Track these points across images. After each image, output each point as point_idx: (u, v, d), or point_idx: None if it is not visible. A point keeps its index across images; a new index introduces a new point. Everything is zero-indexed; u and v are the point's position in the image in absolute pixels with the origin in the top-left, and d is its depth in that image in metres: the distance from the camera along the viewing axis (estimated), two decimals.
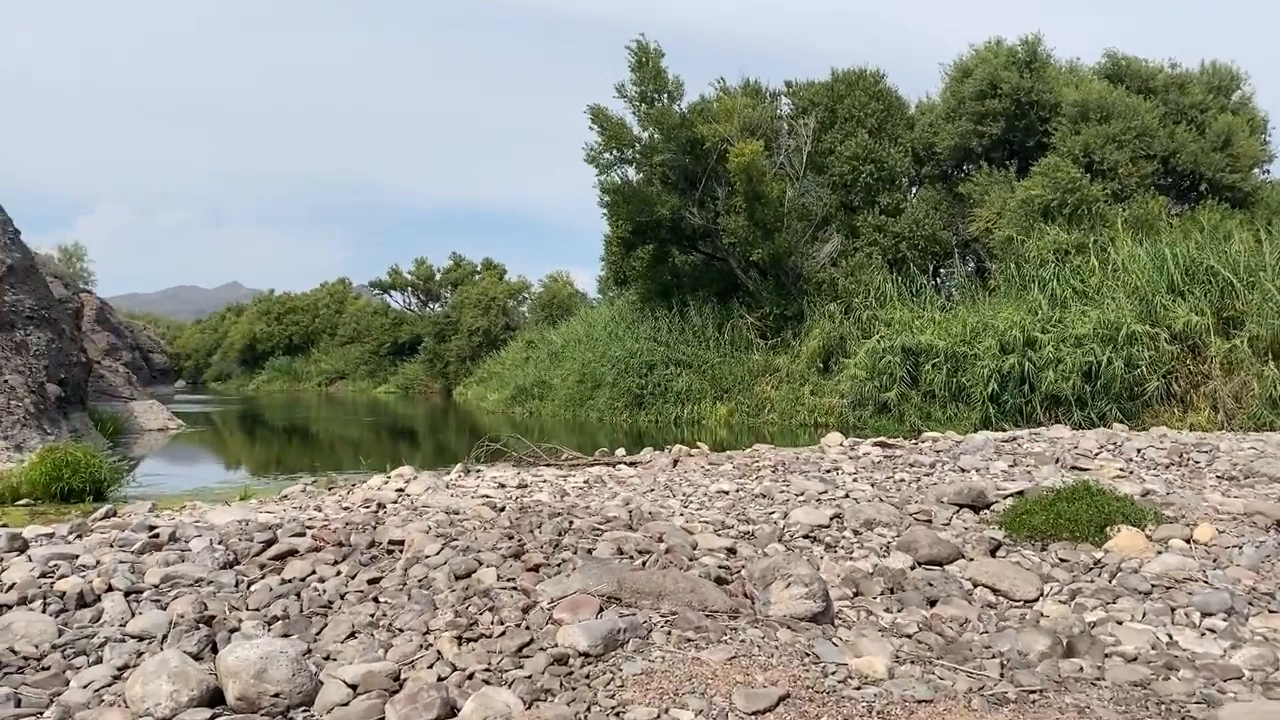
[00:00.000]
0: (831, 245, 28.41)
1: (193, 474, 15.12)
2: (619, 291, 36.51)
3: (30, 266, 17.74)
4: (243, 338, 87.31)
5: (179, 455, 19.63)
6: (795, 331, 28.17)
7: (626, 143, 28.08)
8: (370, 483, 9.47)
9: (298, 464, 17.90)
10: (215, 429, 29.17)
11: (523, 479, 9.20)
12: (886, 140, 29.15)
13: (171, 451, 20.39)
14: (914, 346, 24.12)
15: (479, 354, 53.38)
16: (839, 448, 14.42)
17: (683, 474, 10.38)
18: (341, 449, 23.03)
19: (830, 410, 25.73)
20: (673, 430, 26.44)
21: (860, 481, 9.58)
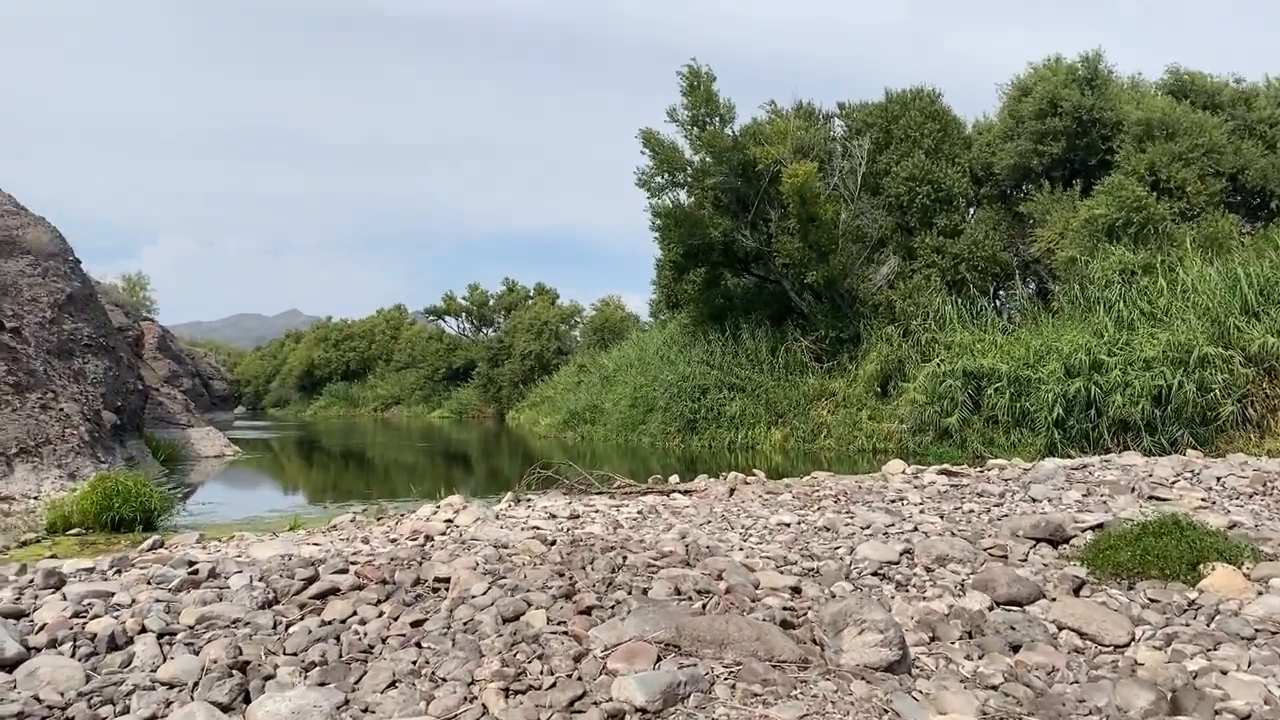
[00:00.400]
0: (888, 267, 27.89)
1: (245, 502, 15.02)
2: (671, 315, 36.22)
3: (89, 295, 17.89)
4: (301, 364, 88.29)
5: (233, 482, 19.63)
6: (851, 355, 27.64)
7: (678, 166, 27.86)
8: (419, 513, 9.22)
9: (350, 491, 17.79)
10: (271, 455, 29.30)
11: (574, 509, 8.89)
12: (943, 160, 28.60)
13: (226, 478, 20.40)
14: (975, 370, 23.48)
15: (531, 378, 53.39)
16: (902, 476, 13.94)
17: (740, 504, 10.00)
18: (395, 475, 22.94)
19: (889, 436, 25.14)
20: (726, 456, 25.99)
21: (928, 513, 9.13)
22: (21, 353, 13.26)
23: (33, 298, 15.73)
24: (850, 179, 28.78)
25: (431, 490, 19.12)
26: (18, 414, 11.72)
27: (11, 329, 13.64)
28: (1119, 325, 22.71)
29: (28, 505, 10.67)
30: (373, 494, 15.42)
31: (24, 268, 16.13)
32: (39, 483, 11.09)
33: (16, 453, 11.21)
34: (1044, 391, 22.03)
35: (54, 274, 16.66)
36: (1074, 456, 21.36)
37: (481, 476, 23.15)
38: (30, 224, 17.06)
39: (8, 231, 16.48)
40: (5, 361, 12.58)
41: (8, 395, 11.98)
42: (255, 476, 21.49)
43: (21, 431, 11.47)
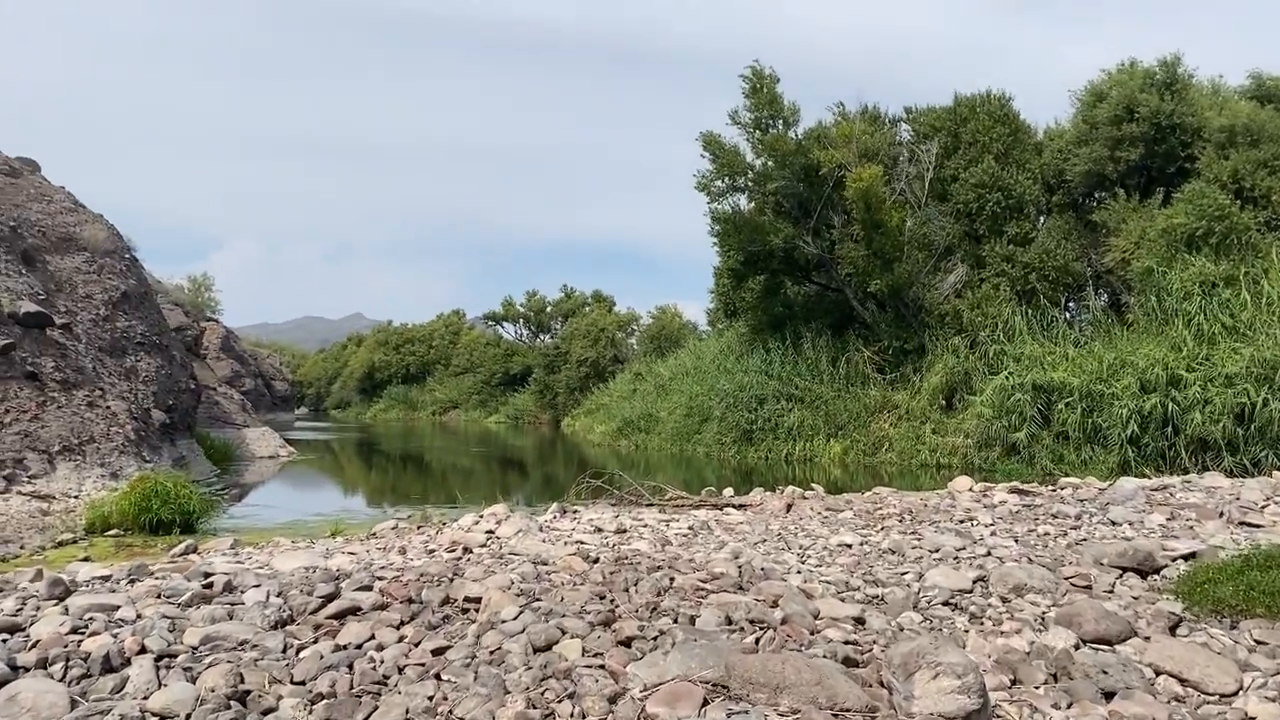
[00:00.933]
0: (956, 276, 27.04)
1: (292, 504, 14.77)
2: (729, 323, 35.64)
3: (145, 293, 17.86)
4: (362, 366, 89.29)
5: (284, 484, 19.47)
6: (916, 366, 26.83)
7: (739, 170, 27.31)
8: (461, 522, 8.82)
9: (401, 495, 17.51)
10: (326, 457, 29.26)
11: (621, 523, 8.42)
12: (1014, 166, 27.69)
13: (278, 480, 20.26)
14: (1046, 384, 22.59)
15: (587, 386, 53.16)
16: (970, 494, 13.27)
17: (798, 521, 9.44)
18: (448, 480, 22.65)
19: (953, 450, 24.30)
20: (783, 468, 25.35)
21: (1000, 535, 8.51)
22: (71, 349, 13.15)
23: (87, 295, 15.70)
24: (917, 185, 27.99)
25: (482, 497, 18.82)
26: (63, 411, 11.56)
27: (62, 325, 13.56)
28: (1199, 339, 21.69)
29: (68, 504, 10.47)
30: (422, 499, 15.10)
31: (80, 264, 16.11)
32: (80, 481, 10.90)
33: (59, 450, 11.04)
34: (1118, 407, 21.11)
35: (109, 271, 16.63)
36: (1149, 476, 20.40)
37: (533, 484, 22.81)
38: (87, 221, 17.06)
39: (65, 229, 16.49)
40: (54, 358, 12.47)
41: (55, 392, 11.85)
42: (306, 478, 21.35)
43: (65, 429, 11.30)
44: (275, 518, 12.49)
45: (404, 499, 16.05)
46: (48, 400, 11.64)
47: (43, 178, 20.02)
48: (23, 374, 11.58)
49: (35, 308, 12.75)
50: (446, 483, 22.05)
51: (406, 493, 18.21)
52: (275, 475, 21.41)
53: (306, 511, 13.34)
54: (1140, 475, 20.42)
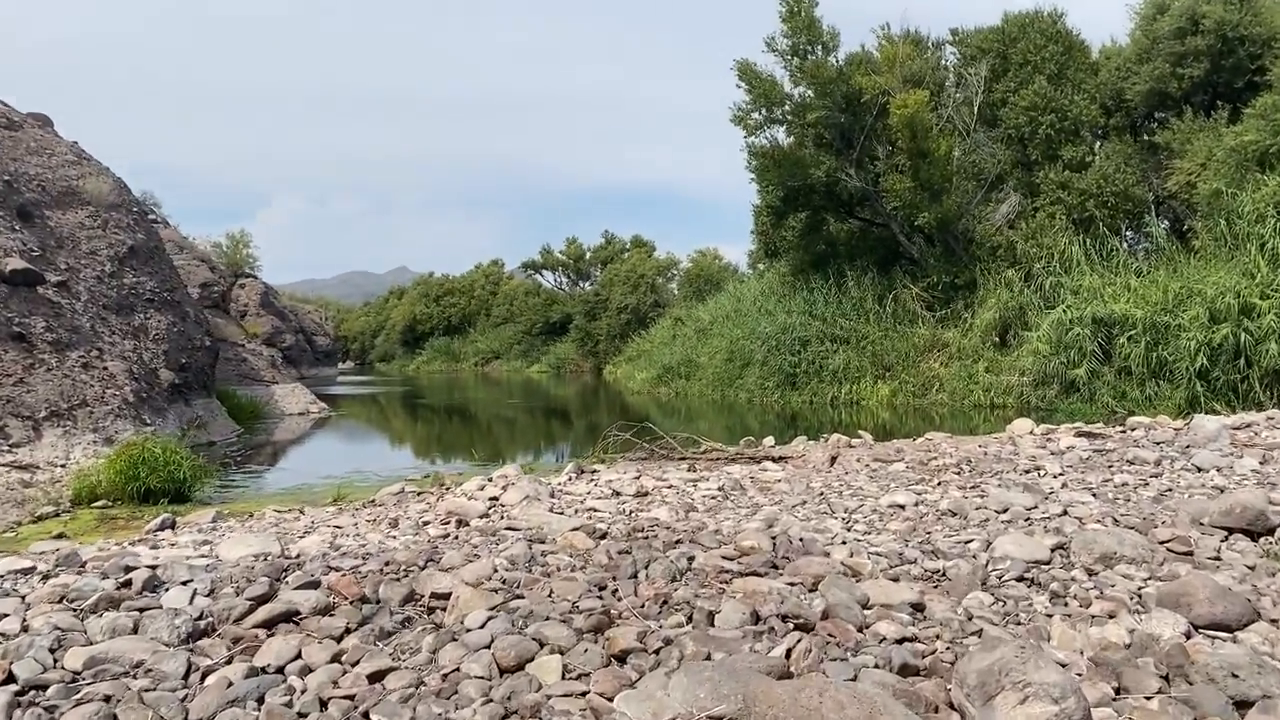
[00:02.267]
0: (1008, 206, 25.57)
1: (306, 466, 13.99)
2: (770, 264, 34.37)
3: (155, 248, 17.09)
4: (403, 319, 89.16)
5: (306, 443, 18.75)
6: (967, 302, 25.51)
7: (776, 100, 25.89)
8: (465, 487, 7.94)
9: (427, 452, 16.72)
10: (362, 412, 28.61)
11: (642, 485, 7.47)
12: (1068, 87, 26.00)
13: (302, 438, 19.57)
14: (1106, 317, 21.28)
15: (628, 332, 52.22)
16: (1031, 438, 12.16)
17: (843, 476, 8.43)
18: (481, 433, 21.91)
19: (1008, 390, 23.08)
20: (829, 412, 24.30)
21: (1074, 488, 7.45)
22: (66, 308, 12.41)
23: (91, 250, 14.94)
24: (965, 111, 26.44)
25: (511, 451, 17.99)
26: (53, 374, 10.81)
27: (58, 282, 12.81)
28: (1273, 265, 20.23)
29: (53, 474, 9.74)
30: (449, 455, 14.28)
31: (83, 219, 15.34)
32: (69, 449, 10.17)
33: (46, 416, 10.29)
34: (1185, 340, 19.80)
35: (115, 226, 15.86)
36: (1220, 412, 19.16)
37: (574, 432, 21.97)
38: (91, 174, 16.27)
39: (67, 182, 15.70)
40: (46, 318, 11.72)
41: (44, 354, 11.11)
42: (333, 436, 20.65)
43: (54, 393, 10.56)
44: (282, 482, 11.71)
45: (430, 455, 15.28)
46: (36, 362, 10.90)
47: (52, 132, 19.26)
48: (8, 335, 10.85)
49: (23, 264, 12.00)
50: (479, 436, 21.29)
51: (434, 449, 17.44)
52: (302, 433, 20.74)
53: (318, 474, 12.56)
54: (1210, 411, 19.19)
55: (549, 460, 12.79)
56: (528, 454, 16.46)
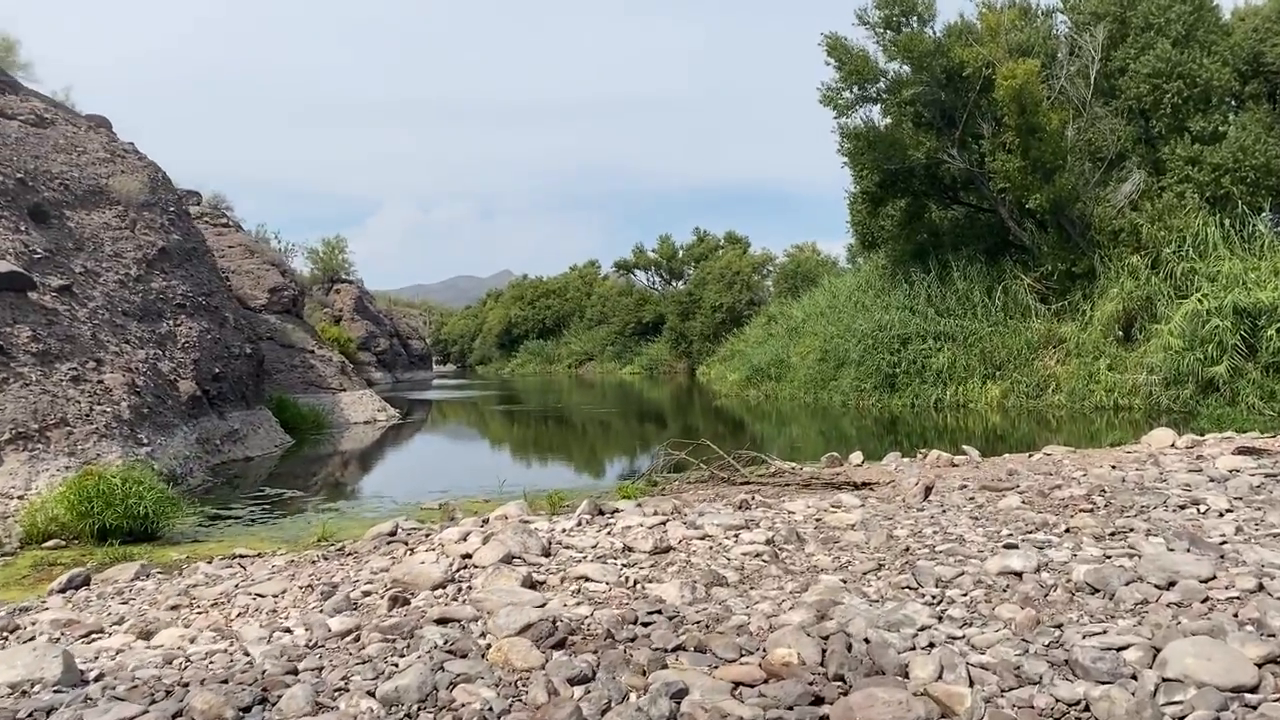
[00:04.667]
0: (1131, 185, 22.96)
1: (330, 488, 12.62)
2: (867, 256, 32.13)
3: (193, 249, 16.01)
4: (499, 322, 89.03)
5: (352, 458, 17.37)
6: (1085, 293, 23.02)
7: (869, 77, 23.77)
8: (444, 535, 6.32)
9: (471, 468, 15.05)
10: (435, 419, 27.39)
11: (663, 537, 5.68)
12: (1197, 50, 23.25)
13: (352, 452, 18.25)
14: (1250, 306, 18.78)
15: (722, 332, 50.43)
16: (1176, 452, 10.05)
17: (937, 516, 6.57)
18: (542, 446, 20.34)
19: (1134, 390, 20.65)
20: (932, 416, 22.15)
21: (1260, 540, 5.48)
22: (64, 315, 11.28)
23: (115, 253, 13.88)
24: (1079, 82, 23.91)
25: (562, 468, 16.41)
26: (29, 389, 9.62)
27: (59, 288, 11.70)
28: None
29: (6, 508, 8.51)
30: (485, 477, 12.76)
31: (110, 219, 14.31)
32: (31, 477, 8.92)
33: (10, 439, 9.06)
34: None
35: (146, 226, 14.82)
36: None
37: (636, 446, 20.32)
38: (124, 170, 15.28)
39: (95, 181, 14.71)
40: (35, 326, 10.57)
41: (25, 366, 9.91)
42: (385, 449, 19.32)
43: (24, 411, 9.34)
44: (282, 510, 10.26)
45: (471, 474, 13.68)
46: (11, 376, 9.71)
47: (106, 133, 18.42)
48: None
49: (10, 267, 10.89)
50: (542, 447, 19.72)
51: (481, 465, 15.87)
52: (358, 445, 19.54)
53: (339, 497, 11.15)
54: None
55: (598, 483, 11.15)
56: (583, 473, 14.83)
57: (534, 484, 11.07)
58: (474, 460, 17.61)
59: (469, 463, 16.88)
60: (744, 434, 23.46)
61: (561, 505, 8.28)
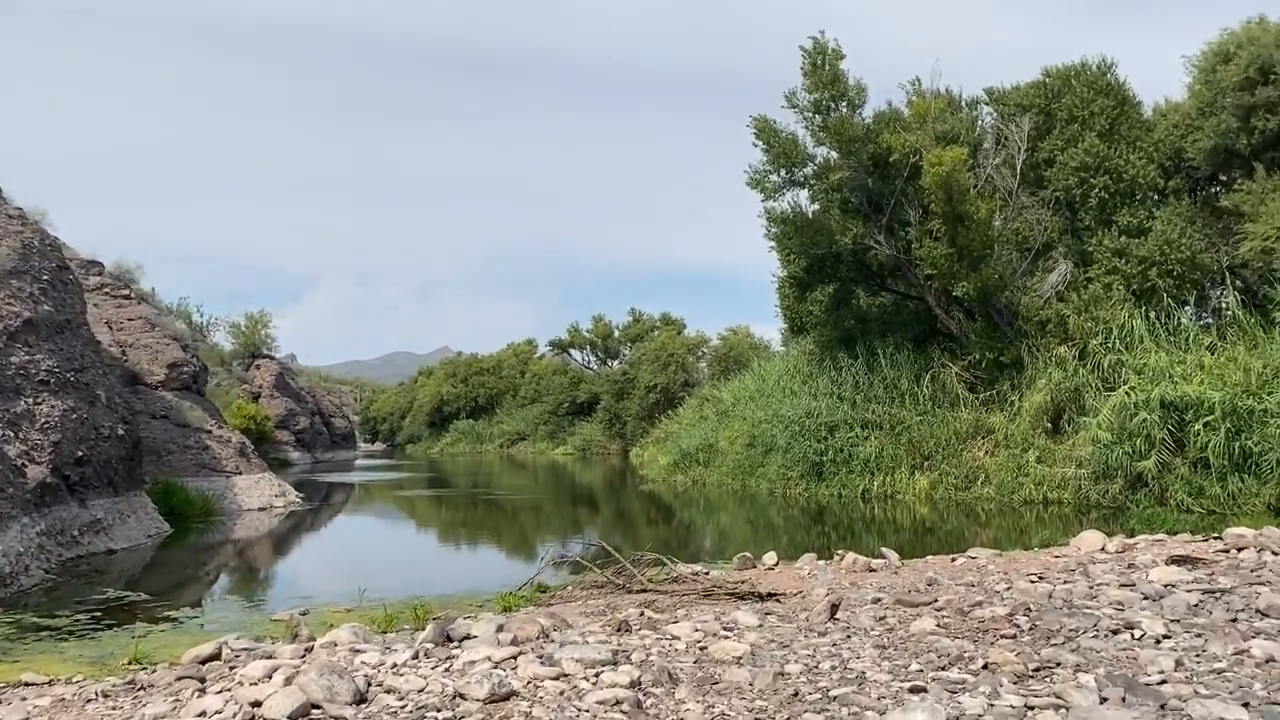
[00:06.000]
0: (1057, 275, 22.82)
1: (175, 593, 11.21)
2: (796, 341, 31.69)
3: (66, 322, 14.82)
4: (430, 400, 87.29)
5: (224, 552, 15.83)
6: (1014, 383, 22.66)
7: (798, 161, 23.47)
8: (247, 671, 5.31)
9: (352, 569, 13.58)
10: (336, 506, 25.79)
11: (507, 679, 4.69)
12: (1122, 144, 23.39)
13: (228, 545, 16.75)
14: (1178, 400, 18.45)
15: (656, 413, 49.71)
16: (1106, 559, 9.39)
17: (841, 644, 5.75)
18: (445, 538, 18.99)
19: (1063, 483, 20.18)
20: (859, 507, 21.47)
21: (1202, 680, 4.74)
22: None
23: None
24: (1006, 172, 23.88)
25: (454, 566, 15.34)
26: None
27: None
28: None
29: None
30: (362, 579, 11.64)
31: None
32: None
33: None
34: (1274, 426, 16.94)
35: (10, 295, 13.65)
36: None
37: (541, 539, 19.33)
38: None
39: None
40: None
41: None
42: (267, 542, 17.79)
43: None
44: (101, 624, 8.94)
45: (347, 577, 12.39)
46: None
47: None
48: None
49: None
50: (444, 540, 18.35)
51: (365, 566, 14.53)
52: (248, 535, 18.14)
53: (172, 605, 9.84)
54: None
55: (485, 585, 10.11)
56: (480, 571, 13.71)
57: (415, 586, 10.03)
58: (365, 556, 16.36)
59: (358, 559, 15.65)
60: (670, 522, 22.58)
61: (425, 619, 7.30)
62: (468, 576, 12.01)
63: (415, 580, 11.15)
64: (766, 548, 13.21)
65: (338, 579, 11.58)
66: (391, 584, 10.37)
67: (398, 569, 13.77)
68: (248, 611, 9.39)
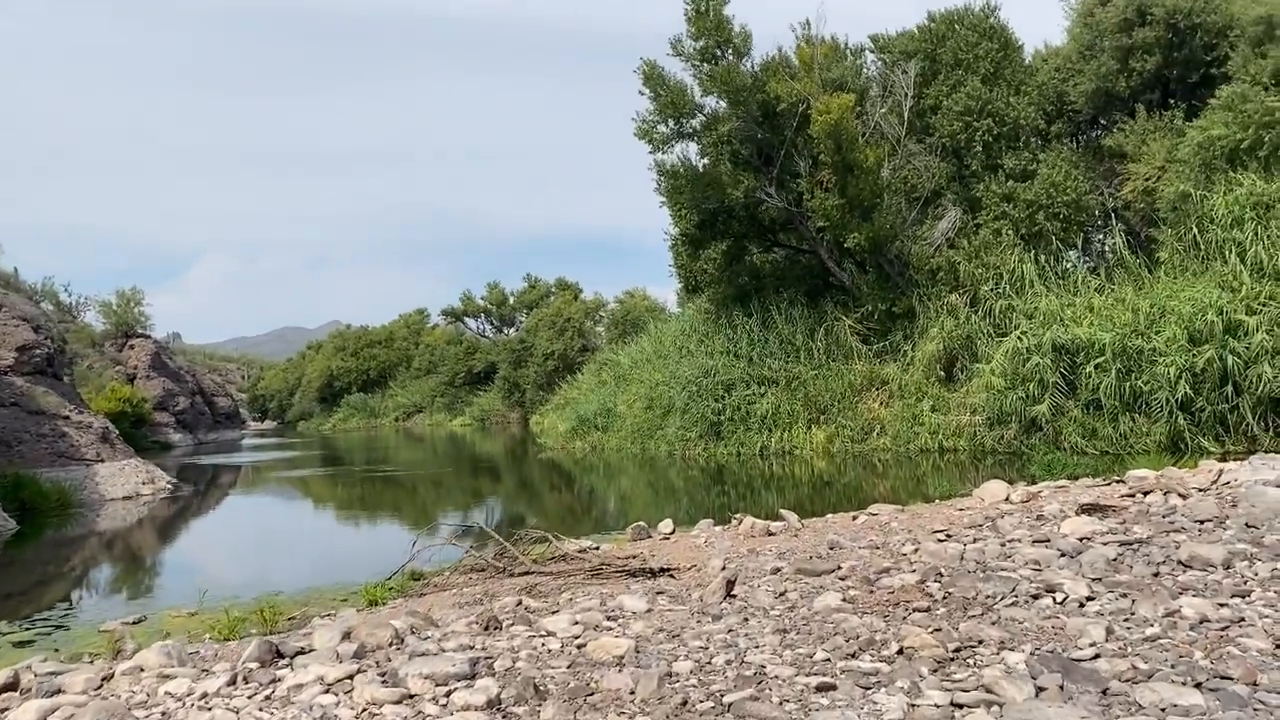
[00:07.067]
0: (947, 222, 22.68)
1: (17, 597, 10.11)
2: (691, 300, 31.15)
3: None
4: (320, 375, 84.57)
5: (77, 549, 14.49)
6: (906, 333, 22.51)
7: (686, 111, 22.72)
8: (19, 713, 4.43)
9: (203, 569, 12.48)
10: (212, 491, 24.29)
11: (329, 712, 3.90)
12: (1005, 88, 23.29)
13: (88, 539, 15.40)
14: (1069, 343, 18.46)
15: (555, 380, 48.81)
16: (1012, 511, 8.98)
17: (741, 623, 5.12)
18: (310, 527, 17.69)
19: (959, 431, 20.13)
20: (758, 464, 21.09)
21: (1137, 649, 4.24)
22: None
23: None
24: (893, 120, 23.58)
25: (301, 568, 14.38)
26: None
27: None
28: (1257, 275, 17.59)
29: None
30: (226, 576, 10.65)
31: None
32: None
33: None
34: (1162, 365, 17.04)
35: None
36: (1211, 450, 16.35)
37: (429, 516, 18.47)
38: None
39: None
40: None
41: None
42: (130, 536, 16.34)
43: None
44: None
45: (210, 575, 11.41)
46: None
47: None
48: None
49: None
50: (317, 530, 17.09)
51: (232, 563, 13.51)
52: (108, 527, 16.76)
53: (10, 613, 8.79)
54: (1199, 449, 16.35)
55: (357, 574, 9.21)
56: (353, 557, 12.73)
57: (280, 579, 9.11)
58: (235, 546, 15.16)
59: (226, 551, 14.50)
60: (571, 489, 21.90)
61: (273, 622, 6.44)
62: (344, 563, 11.08)
63: (283, 571, 10.23)
64: (666, 511, 12.66)
65: (196, 575, 10.55)
66: (254, 578, 9.44)
67: (267, 559, 12.76)
68: (80, 621, 8.34)
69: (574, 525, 13.13)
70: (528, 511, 17.63)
